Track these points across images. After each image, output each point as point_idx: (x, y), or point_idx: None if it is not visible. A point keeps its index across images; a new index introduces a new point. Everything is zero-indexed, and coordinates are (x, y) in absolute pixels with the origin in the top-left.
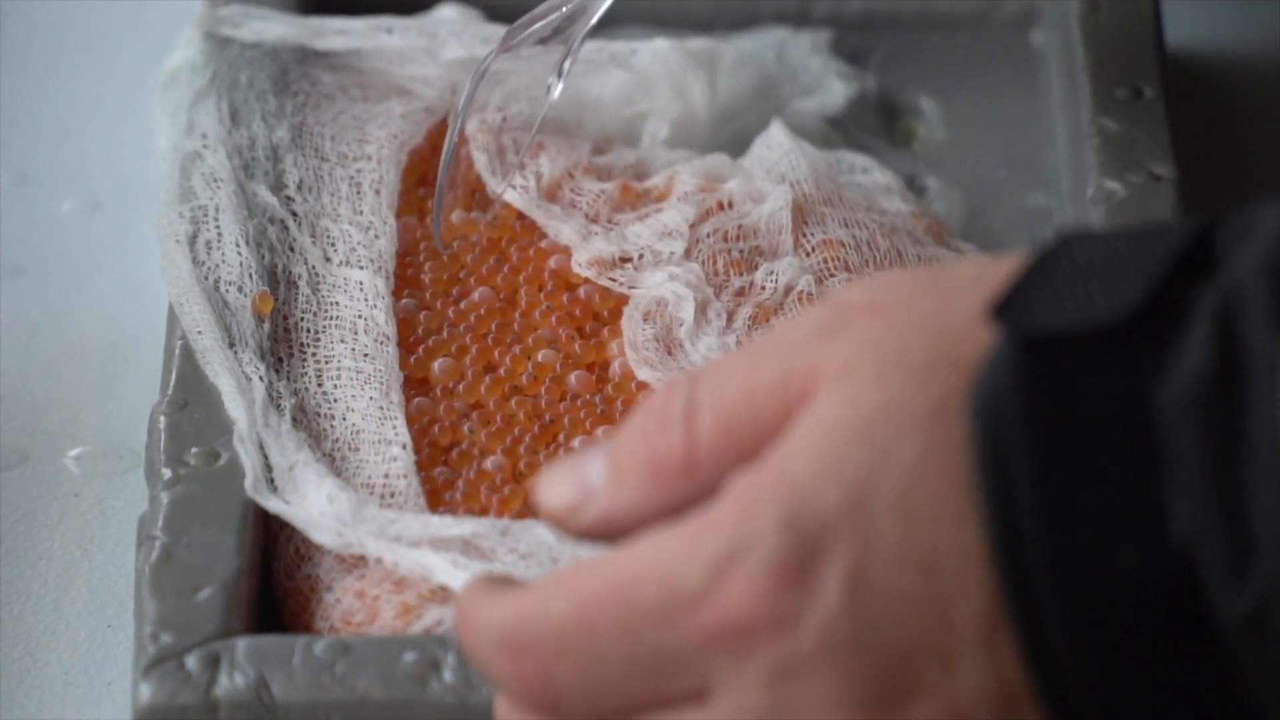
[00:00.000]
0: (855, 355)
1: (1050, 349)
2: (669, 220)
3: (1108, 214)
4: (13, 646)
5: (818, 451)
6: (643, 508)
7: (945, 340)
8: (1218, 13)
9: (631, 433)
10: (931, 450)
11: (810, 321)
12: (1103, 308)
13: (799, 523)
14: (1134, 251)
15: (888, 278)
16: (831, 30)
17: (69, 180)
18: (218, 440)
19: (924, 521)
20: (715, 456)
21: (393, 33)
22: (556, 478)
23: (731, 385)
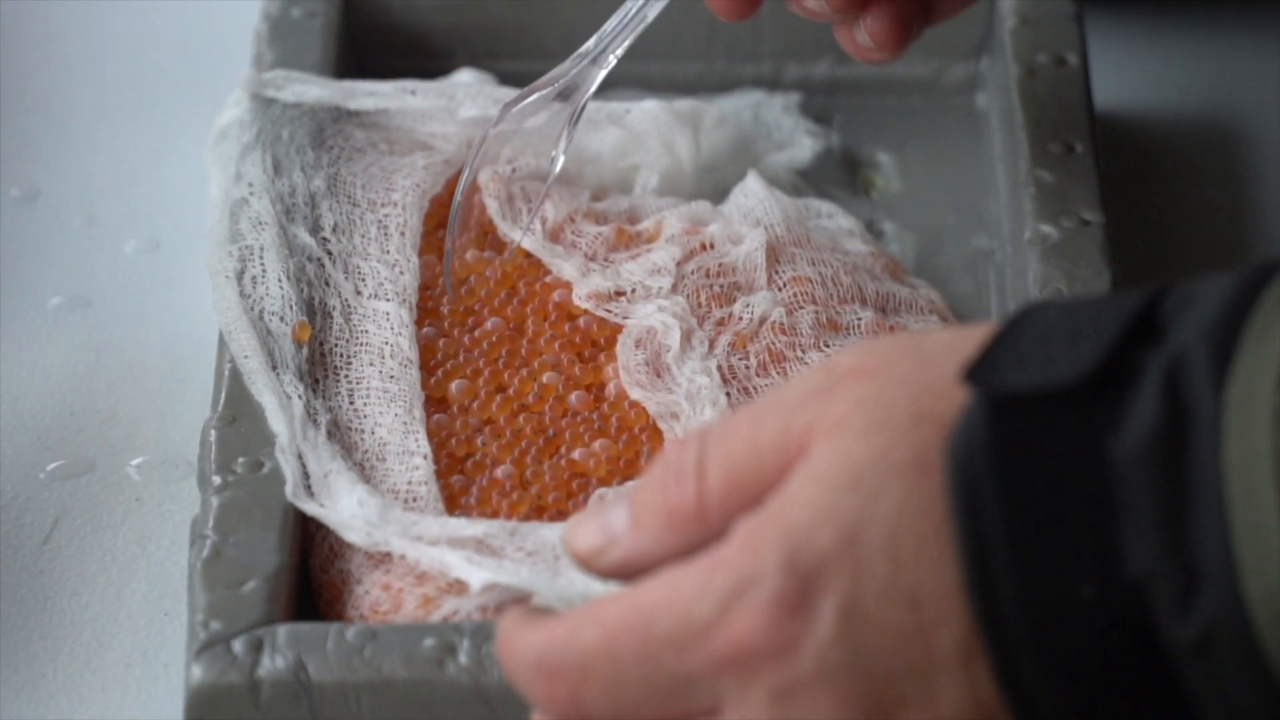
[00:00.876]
0: (846, 413)
1: (1016, 407)
2: (658, 259)
3: (1042, 254)
4: (80, 632)
5: (814, 498)
6: (659, 550)
7: (925, 399)
8: (1141, 78)
9: (649, 485)
10: (914, 497)
11: (807, 383)
12: (1063, 370)
13: (798, 562)
14: (1090, 318)
15: (875, 344)
16: (801, 93)
17: (132, 223)
18: (261, 451)
19: (908, 560)
20: (723, 504)
21: (416, 94)
22: (583, 525)
23: (737, 441)
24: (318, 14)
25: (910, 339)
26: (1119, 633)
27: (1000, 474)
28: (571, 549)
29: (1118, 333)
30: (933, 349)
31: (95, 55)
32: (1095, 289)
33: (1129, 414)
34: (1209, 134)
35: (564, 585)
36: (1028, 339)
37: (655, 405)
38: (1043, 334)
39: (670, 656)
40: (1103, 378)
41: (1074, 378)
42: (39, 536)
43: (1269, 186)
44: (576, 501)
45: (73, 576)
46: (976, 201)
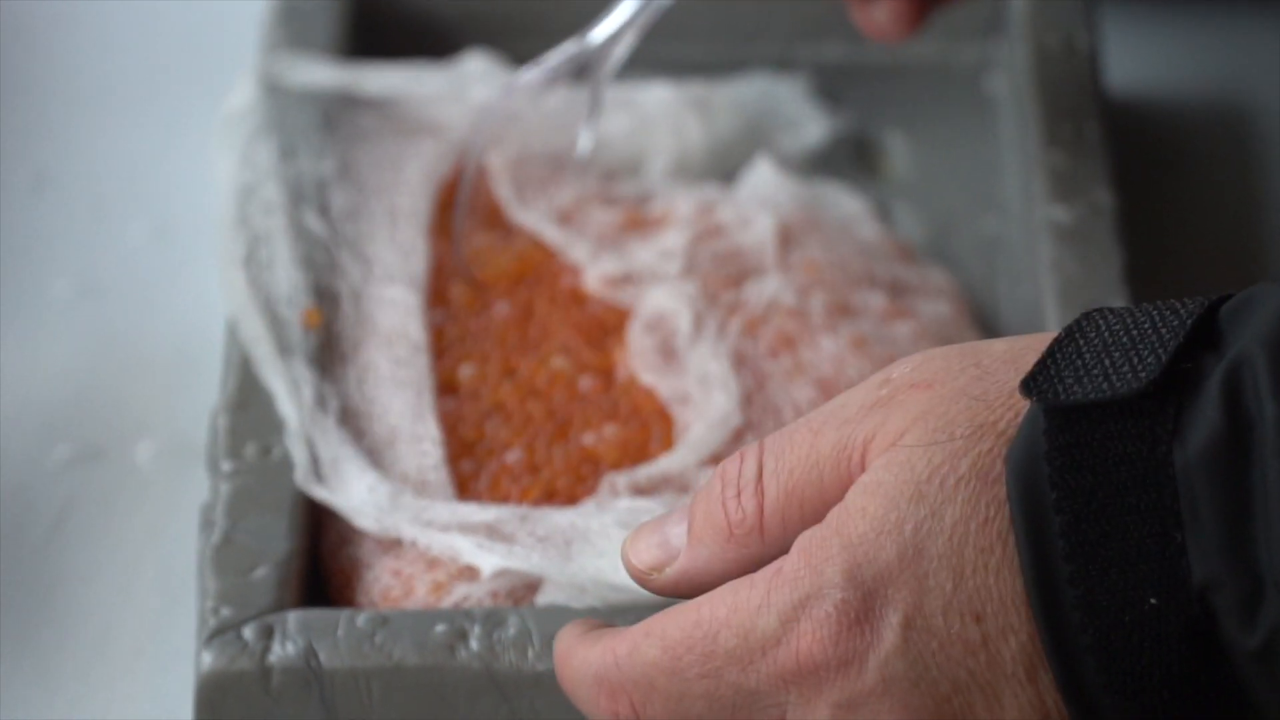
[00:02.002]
0: (906, 426)
1: (1077, 416)
2: (668, 243)
3: (1053, 238)
4: (89, 619)
5: (875, 511)
6: (717, 565)
7: (985, 411)
8: (1152, 61)
9: (707, 498)
10: (976, 508)
11: (864, 395)
12: (1124, 379)
13: (861, 575)
14: (1149, 327)
15: (932, 355)
16: (811, 76)
17: (139, 209)
18: (271, 437)
19: (971, 571)
20: (782, 518)
21: (425, 78)
22: (641, 540)
23: (795, 455)
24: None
25: (968, 350)
26: (1183, 641)
27: (1062, 484)
28: (629, 565)
29: (1177, 341)
30: (990, 360)
31: (102, 41)
32: (1106, 273)
33: (1190, 422)
34: (1221, 117)
35: (575, 570)
36: (1087, 348)
37: (666, 389)
38: (1103, 343)
39: (734, 671)
40: (1162, 387)
41: (1135, 387)
42: (48, 524)
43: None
44: (587, 486)
45: (81, 564)
46: (987, 184)
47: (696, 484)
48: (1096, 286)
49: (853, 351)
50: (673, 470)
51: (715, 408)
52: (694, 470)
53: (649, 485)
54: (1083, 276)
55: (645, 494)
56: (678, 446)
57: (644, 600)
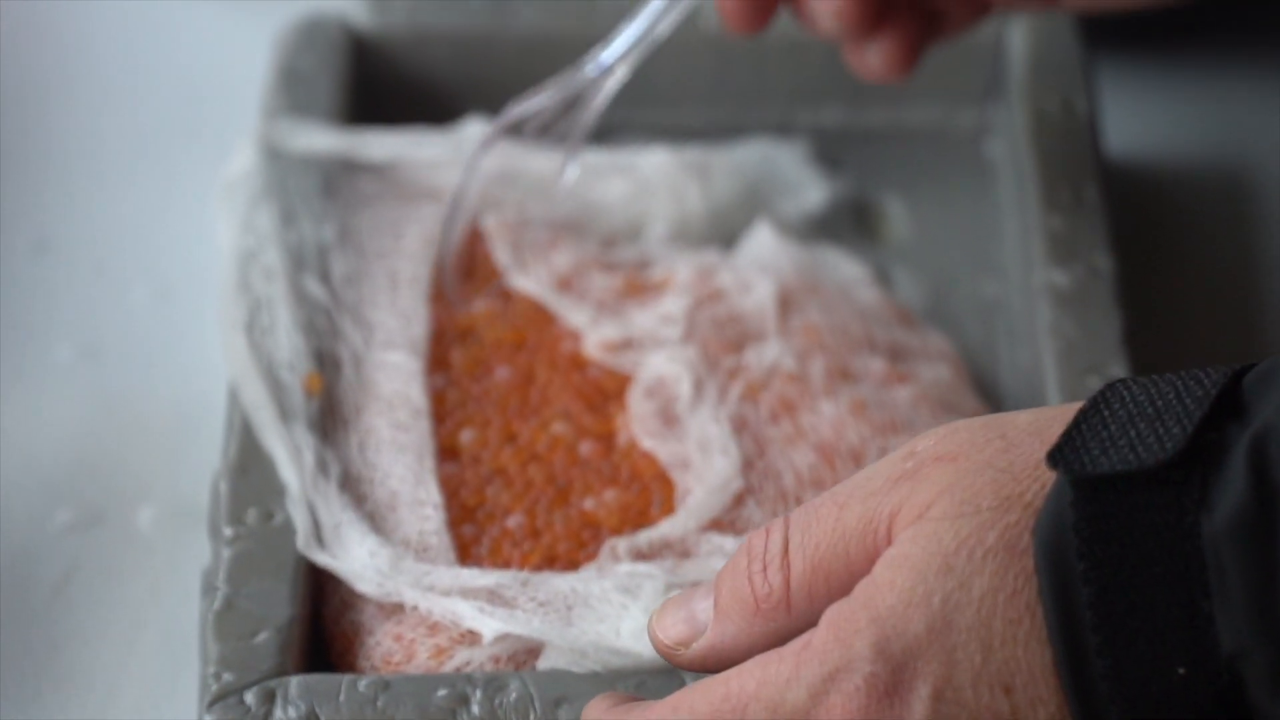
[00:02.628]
0: (932, 499)
1: (1103, 488)
2: (668, 308)
3: (1053, 301)
4: (92, 683)
5: (904, 584)
6: (744, 640)
7: (1010, 483)
8: (1150, 125)
9: (733, 573)
10: (1004, 581)
11: (889, 469)
12: (1150, 450)
13: (890, 648)
14: (1174, 397)
15: (956, 428)
16: (811, 140)
17: (141, 273)
18: (272, 502)
19: (1000, 643)
20: (808, 593)
21: (425, 144)
22: (668, 616)
23: (821, 528)
24: (327, 64)
25: (992, 422)
26: (1212, 711)
27: (1090, 555)
28: (656, 640)
29: (1202, 412)
30: (1015, 432)
31: (104, 106)
32: (1105, 336)
33: (1217, 493)
34: (1218, 180)
35: (576, 635)
36: (1112, 419)
37: (666, 454)
38: (1128, 415)
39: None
40: (1187, 458)
41: (1161, 458)
42: (50, 587)
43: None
44: (588, 551)
45: (84, 627)
46: (986, 248)
47: (697, 549)
48: (1095, 350)
49: (853, 416)
50: (673, 535)
51: (716, 473)
52: (695, 535)
53: (650, 550)
54: (1082, 340)
55: (646, 559)
56: (678, 511)
57: (645, 664)
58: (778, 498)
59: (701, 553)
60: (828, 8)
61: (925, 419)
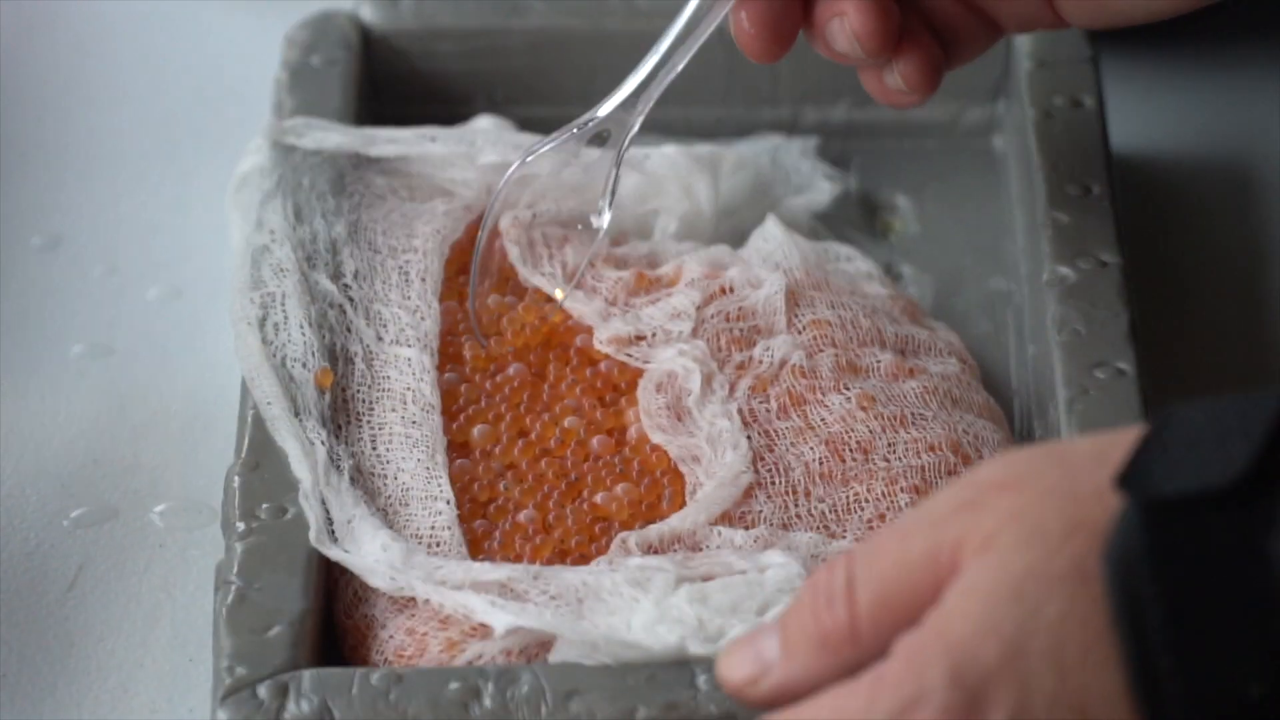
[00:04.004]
0: (997, 527)
1: (1171, 511)
2: (678, 303)
3: (1060, 296)
4: (106, 678)
5: (975, 612)
6: (813, 675)
7: (1076, 508)
8: (1157, 120)
9: (799, 609)
10: (1075, 606)
11: (950, 499)
12: (1215, 473)
13: (964, 677)
14: (1236, 419)
15: (1017, 456)
16: (819, 137)
17: (154, 270)
18: (285, 497)
19: (1073, 668)
20: (875, 625)
21: (436, 141)
22: (736, 655)
23: (886, 561)
24: (337, 61)
25: (1052, 449)
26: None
27: (1160, 578)
28: (724, 680)
29: (1265, 433)
30: (1077, 458)
31: (116, 104)
32: (1113, 330)
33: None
34: (1225, 175)
35: (587, 628)
36: (1177, 443)
37: (676, 449)
38: (1191, 438)
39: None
40: (1255, 478)
41: (1227, 481)
42: (64, 583)
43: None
44: (599, 545)
45: (98, 623)
46: (994, 243)
47: (707, 543)
48: (1103, 344)
49: (861, 410)
50: (684, 529)
51: (726, 466)
52: (705, 528)
53: (660, 544)
54: (1089, 334)
55: (657, 552)
56: (689, 505)
57: (656, 657)
58: (787, 491)
59: (711, 546)
60: (845, 32)
61: (934, 413)
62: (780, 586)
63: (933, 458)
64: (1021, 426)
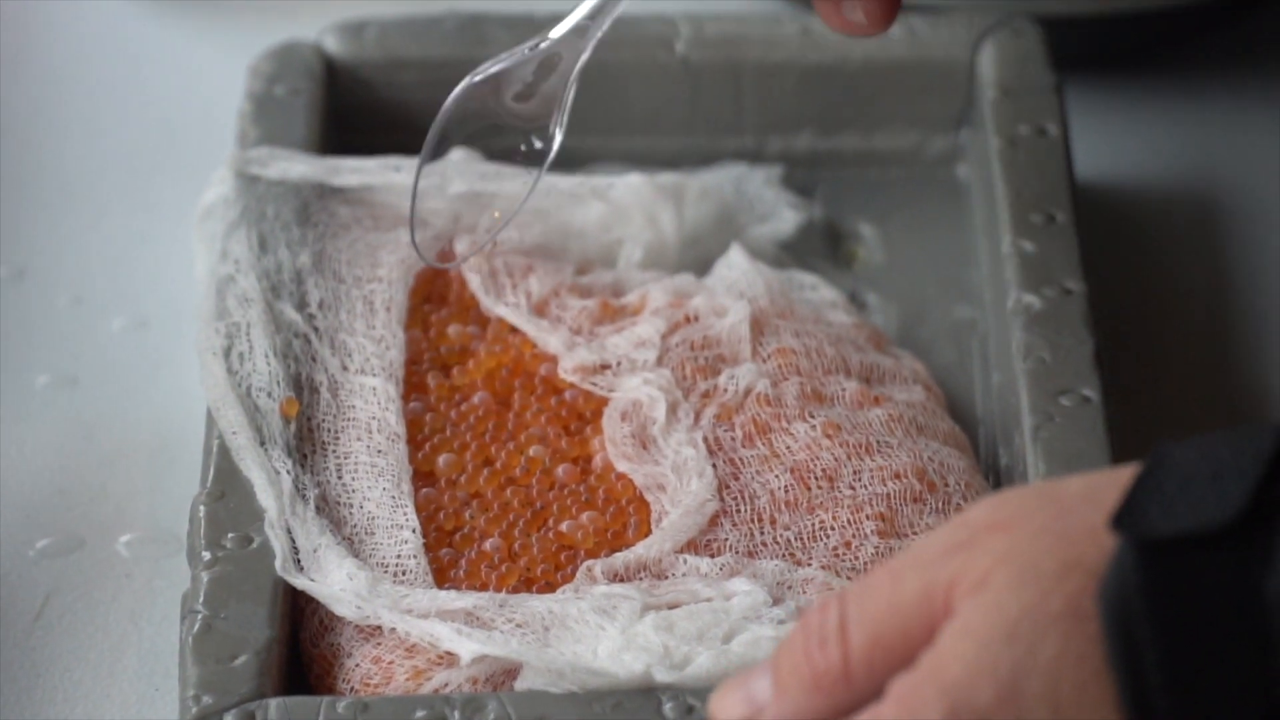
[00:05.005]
0: (990, 568)
1: (1167, 551)
2: (643, 332)
3: (1025, 324)
4: (73, 708)
5: (970, 654)
6: (806, 716)
7: (1069, 549)
8: (1121, 148)
9: (791, 649)
10: (1070, 645)
11: (943, 539)
12: (1210, 512)
13: (960, 718)
14: (1229, 457)
15: (1008, 497)
16: (783, 165)
17: (119, 301)
18: (251, 527)
19: (1069, 708)
20: (869, 666)
21: (401, 171)
22: (727, 696)
23: (878, 602)
24: (301, 91)
25: (1044, 489)
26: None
27: (1156, 618)
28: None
29: (1259, 472)
30: (1069, 498)
31: (80, 135)
32: (1078, 358)
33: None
34: (1188, 203)
35: (553, 656)
36: (1169, 481)
37: (642, 477)
38: (1185, 476)
39: None
40: (1250, 517)
41: (1223, 520)
42: (30, 614)
43: (1248, 254)
44: (565, 573)
45: (64, 653)
46: (959, 272)
47: (673, 571)
48: (1068, 371)
49: (827, 438)
50: (649, 557)
51: (691, 495)
52: (670, 556)
53: (626, 572)
54: (1054, 361)
55: (623, 580)
56: (654, 533)
57: (622, 685)
58: (752, 519)
59: (677, 574)
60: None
61: (899, 440)
62: (746, 614)
63: (898, 485)
64: (987, 454)
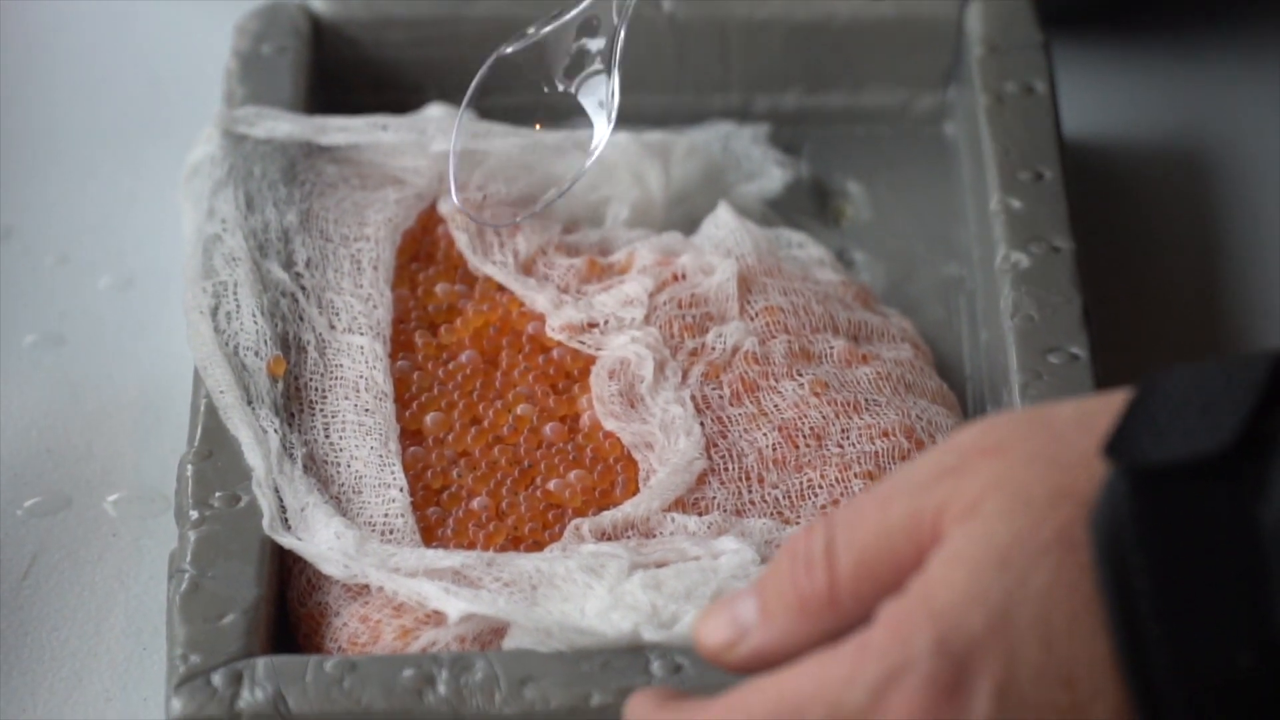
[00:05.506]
0: (981, 494)
1: (1159, 479)
2: (630, 290)
3: (1013, 281)
4: (60, 666)
5: (961, 581)
6: (791, 640)
7: (1061, 475)
8: (1109, 105)
9: (777, 574)
10: (1062, 575)
11: (932, 464)
12: (1203, 441)
13: (950, 646)
14: (1223, 384)
15: (999, 421)
16: (770, 124)
17: (106, 260)
18: (238, 485)
19: (1060, 637)
20: (855, 591)
21: (388, 129)
22: (712, 619)
23: (866, 526)
24: (288, 50)
25: (1035, 414)
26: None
27: (1148, 547)
28: (701, 644)
29: (1253, 401)
30: (1060, 423)
31: (66, 94)
32: (1066, 315)
33: (1273, 483)
34: (1176, 159)
35: (541, 615)
36: (1163, 409)
37: (629, 435)
38: (1178, 403)
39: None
40: (1243, 447)
41: (1216, 448)
42: (17, 573)
43: (1236, 210)
44: (552, 532)
45: (51, 612)
46: (946, 230)
47: (661, 529)
48: (1056, 329)
49: (814, 396)
50: (637, 515)
51: (679, 453)
52: (658, 515)
53: (614, 530)
54: (1042, 319)
55: (610, 539)
56: (642, 492)
57: (610, 643)
58: (740, 477)
59: (665, 533)
60: None
61: (887, 398)
62: (734, 573)
63: (886, 443)
64: (975, 411)
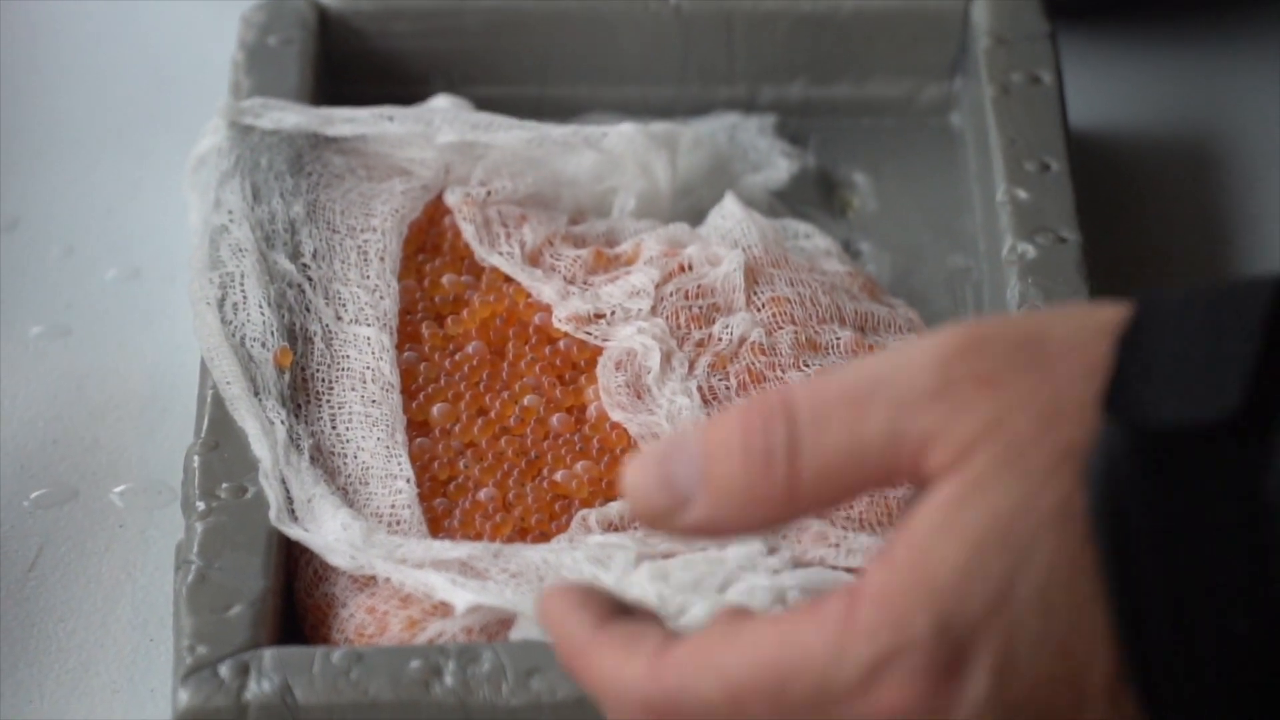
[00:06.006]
0: (973, 440)
1: (1159, 444)
2: (637, 281)
3: (1020, 272)
4: (67, 658)
5: (960, 558)
6: (737, 525)
7: (1058, 433)
8: (1116, 96)
9: (729, 451)
10: (1063, 546)
11: (916, 380)
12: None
13: (949, 627)
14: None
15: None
16: (776, 115)
17: (112, 251)
18: (245, 477)
19: (1059, 609)
20: (815, 495)
21: (394, 120)
22: (643, 473)
23: (837, 433)
24: (294, 41)
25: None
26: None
27: (1150, 512)
28: (637, 505)
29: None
30: (1054, 352)
31: (72, 85)
32: None
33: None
34: (1183, 151)
35: None
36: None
37: (636, 426)
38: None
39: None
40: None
41: (1218, 416)
42: (24, 565)
43: (1242, 201)
44: (559, 523)
45: (58, 604)
46: (953, 220)
47: None
48: None
49: None
50: None
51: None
52: None
53: (621, 521)
54: None
55: (617, 530)
56: None
57: None
58: None
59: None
60: None
61: None
62: (741, 564)
63: None
64: None
